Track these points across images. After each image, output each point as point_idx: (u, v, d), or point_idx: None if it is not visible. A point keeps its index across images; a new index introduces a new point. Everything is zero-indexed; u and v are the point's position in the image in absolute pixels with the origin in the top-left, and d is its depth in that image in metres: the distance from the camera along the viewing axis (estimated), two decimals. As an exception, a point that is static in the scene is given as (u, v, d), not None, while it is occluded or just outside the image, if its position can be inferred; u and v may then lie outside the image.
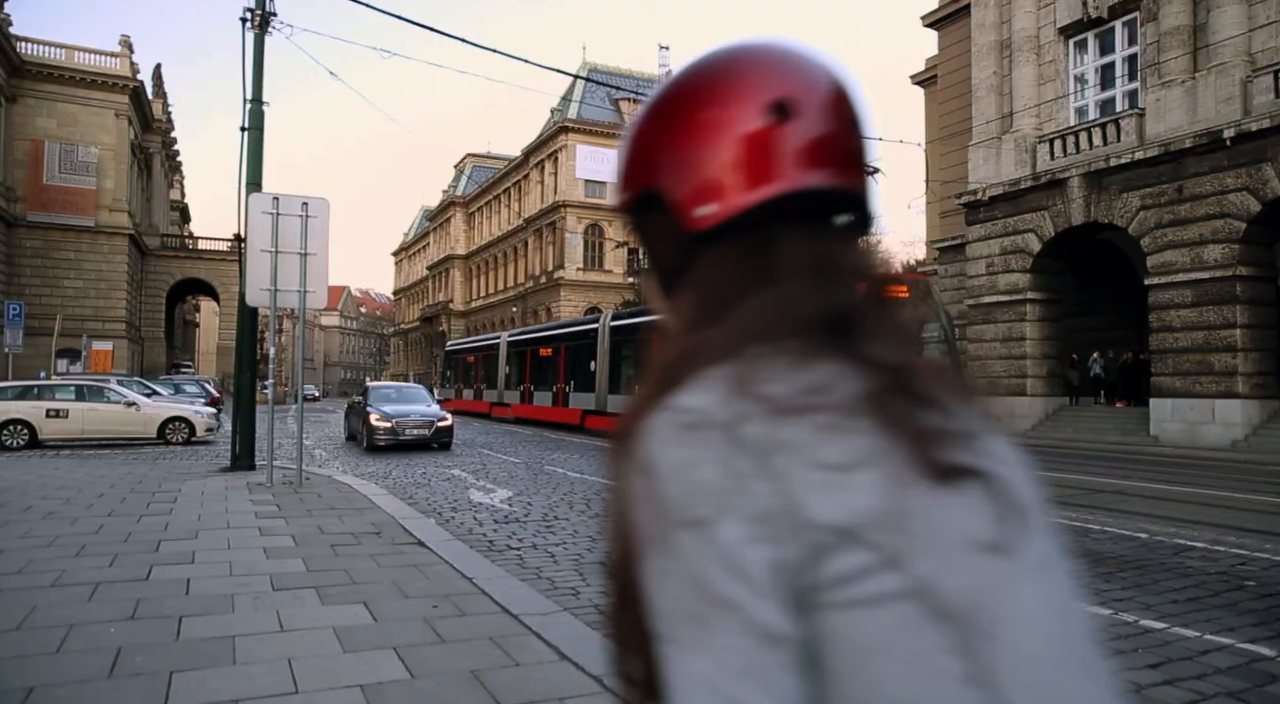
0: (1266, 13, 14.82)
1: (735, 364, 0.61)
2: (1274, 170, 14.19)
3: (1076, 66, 18.64)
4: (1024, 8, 19.11)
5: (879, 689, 0.54)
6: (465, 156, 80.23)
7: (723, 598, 0.54)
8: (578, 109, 54.74)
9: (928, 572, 0.54)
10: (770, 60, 0.72)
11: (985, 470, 0.59)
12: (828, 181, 0.69)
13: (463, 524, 8.51)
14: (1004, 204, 19.23)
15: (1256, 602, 5.67)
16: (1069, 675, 0.56)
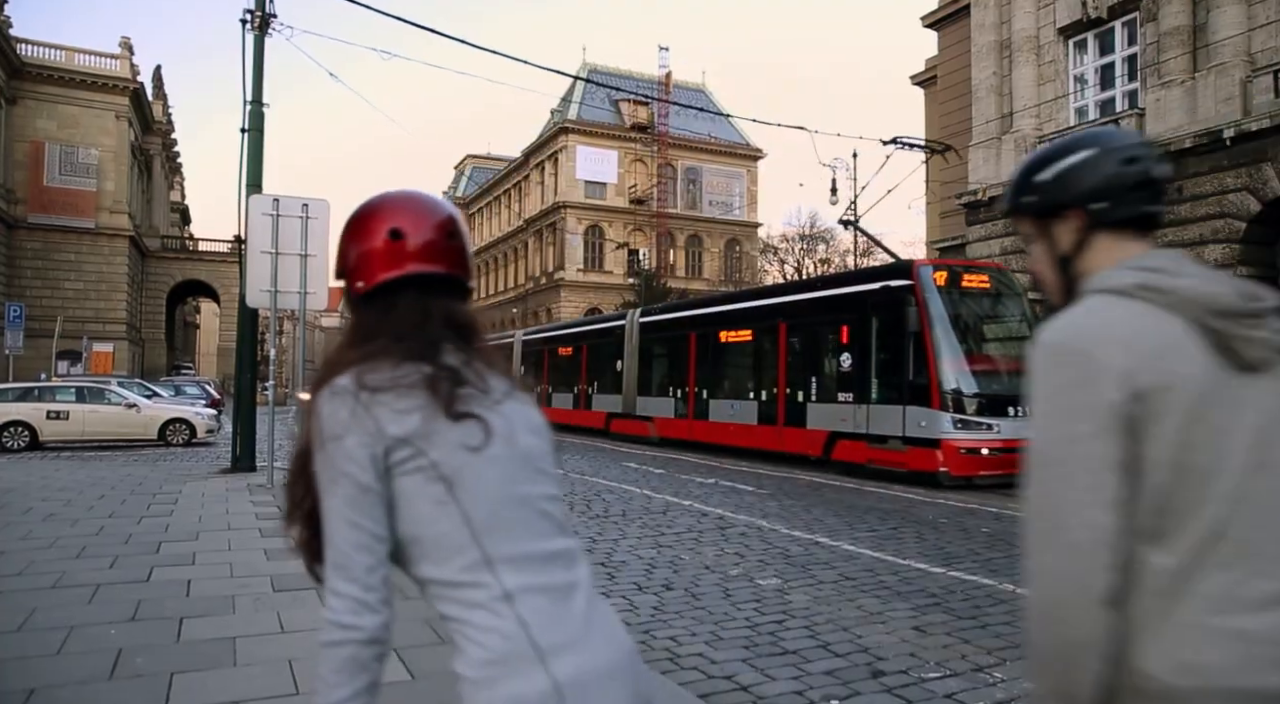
0: (1266, 12, 14.82)
1: (361, 365, 1.22)
2: (1274, 170, 14.18)
3: (1076, 67, 18.64)
4: (1024, 8, 19.11)
5: (414, 509, 1.18)
6: (465, 157, 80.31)
7: (344, 470, 1.17)
8: (578, 110, 54.76)
9: (436, 458, 1.17)
10: (396, 206, 1.34)
11: (480, 415, 1.21)
12: (428, 269, 1.31)
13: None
14: (1004, 204, 19.26)
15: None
16: (502, 504, 1.20)
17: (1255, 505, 1.12)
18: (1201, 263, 1.74)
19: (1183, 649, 1.09)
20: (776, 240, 52.75)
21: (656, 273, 47.63)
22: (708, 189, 57.82)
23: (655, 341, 20.74)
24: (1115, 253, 1.26)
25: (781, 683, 4.09)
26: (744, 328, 17.23)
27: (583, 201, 54.77)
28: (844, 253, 46.65)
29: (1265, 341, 1.14)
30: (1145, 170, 1.26)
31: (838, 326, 14.09)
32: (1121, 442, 1.10)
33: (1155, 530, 1.12)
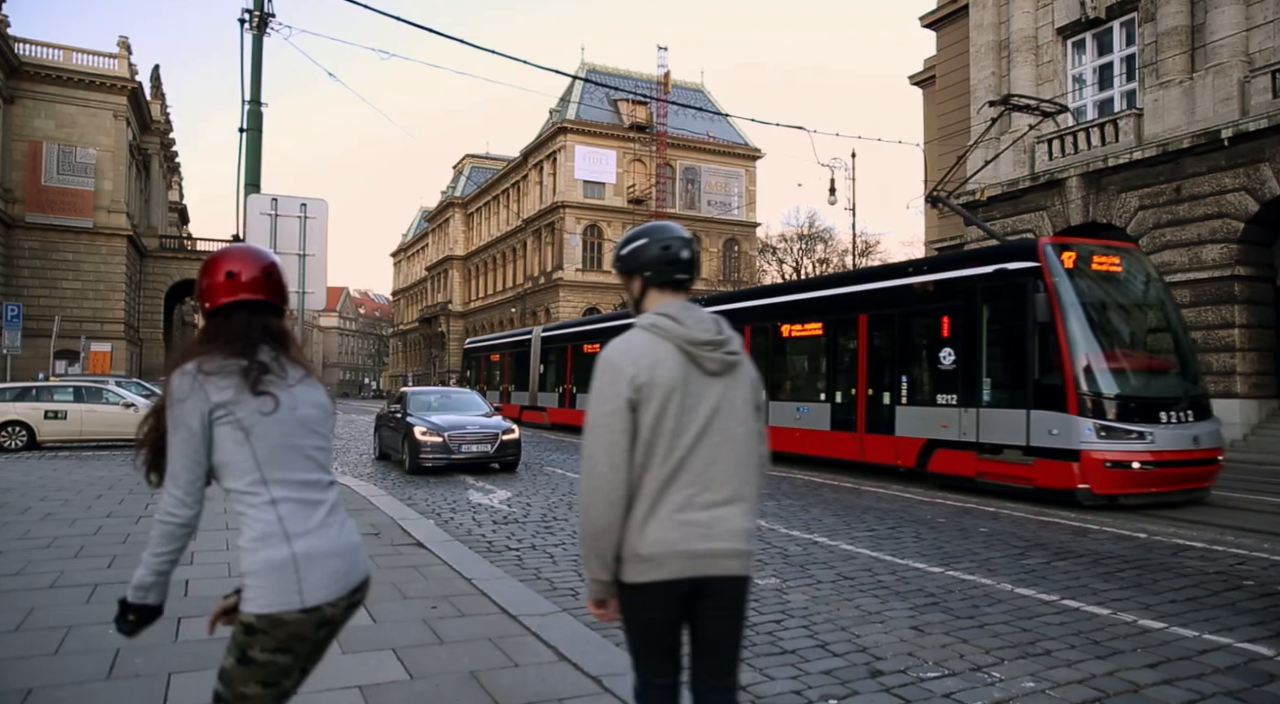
0: (1264, 13, 14.84)
1: (201, 356, 1.91)
2: (1271, 170, 14.21)
3: (1075, 67, 18.66)
4: (1022, 8, 19.13)
5: (223, 446, 1.88)
6: (464, 157, 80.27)
7: (183, 421, 1.86)
8: (576, 110, 54.75)
9: (240, 416, 1.87)
10: (234, 255, 2.05)
11: (274, 393, 1.91)
12: (252, 297, 2.01)
13: (461, 525, 8.51)
14: (1003, 204, 19.25)
15: (1255, 601, 5.67)
16: (279, 448, 1.91)
17: (704, 452, 2.06)
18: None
19: (659, 531, 2.03)
20: (775, 240, 52.76)
21: (655, 273, 47.58)
22: (706, 189, 57.82)
23: None
24: (656, 302, 2.20)
25: (780, 683, 4.09)
26: (814, 320, 15.00)
27: (581, 201, 54.75)
28: (842, 253, 46.66)
29: (718, 360, 2.11)
30: (675, 254, 2.19)
31: (936, 317, 12.11)
32: (628, 415, 2.02)
33: (646, 465, 2.04)
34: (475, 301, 71.77)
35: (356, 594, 2.04)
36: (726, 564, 2.08)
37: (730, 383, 2.13)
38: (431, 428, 13.02)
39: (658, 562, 2.02)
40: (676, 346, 2.07)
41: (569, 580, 6.21)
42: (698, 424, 2.05)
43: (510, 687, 3.74)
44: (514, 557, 7.03)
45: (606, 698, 3.63)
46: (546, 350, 26.79)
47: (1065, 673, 4.19)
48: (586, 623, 4.89)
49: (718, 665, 2.18)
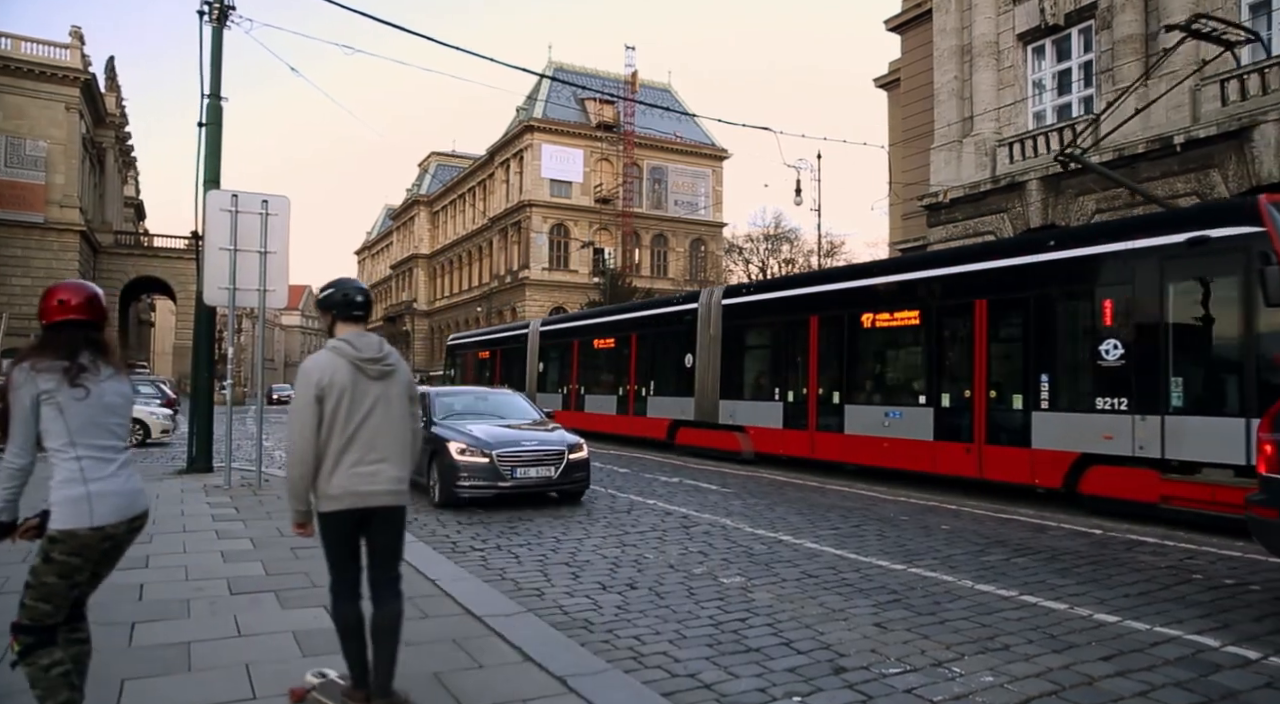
0: (1214, 24, 15.23)
1: (36, 357, 2.85)
2: (1220, 176, 14.60)
3: (1035, 72, 19.00)
4: (984, 14, 19.44)
5: (46, 420, 2.82)
6: (430, 155, 79.52)
7: (20, 401, 2.79)
8: (543, 108, 54.52)
9: (60, 400, 2.82)
10: (65, 288, 3.04)
11: (86, 385, 2.87)
12: (76, 317, 2.97)
13: (426, 526, 8.43)
14: (965, 206, 19.54)
15: (1203, 594, 5.83)
16: (86, 423, 2.88)
17: (369, 428, 3.30)
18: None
19: (339, 479, 3.25)
20: (741, 240, 53.04)
21: (622, 272, 47.60)
22: (673, 188, 57.94)
23: (743, 328, 15.96)
24: (342, 331, 3.41)
25: (745, 680, 4.11)
26: (907, 307, 12.33)
27: (548, 200, 54.54)
28: (808, 253, 47.06)
29: (377, 370, 3.36)
30: (353, 298, 3.45)
31: (1093, 301, 9.85)
32: (316, 406, 3.24)
33: (329, 438, 3.25)
34: (441, 300, 71.17)
35: (136, 522, 3.02)
36: (384, 499, 3.34)
37: (388, 384, 3.40)
38: (473, 444, 9.48)
39: (339, 498, 3.26)
40: (349, 361, 3.32)
41: (534, 581, 6.18)
42: (363, 411, 3.31)
43: (474, 688, 3.72)
44: (479, 557, 6.99)
45: (571, 698, 3.62)
46: (546, 346, 24.02)
47: (1023, 667, 4.26)
48: (552, 623, 4.88)
49: (384, 563, 3.43)
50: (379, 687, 3.35)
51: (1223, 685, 4.05)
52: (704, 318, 16.74)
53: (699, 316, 16.91)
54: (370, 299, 3.54)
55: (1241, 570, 6.56)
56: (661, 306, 19.69)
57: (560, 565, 6.67)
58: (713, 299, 16.77)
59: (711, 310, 16.51)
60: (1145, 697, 3.91)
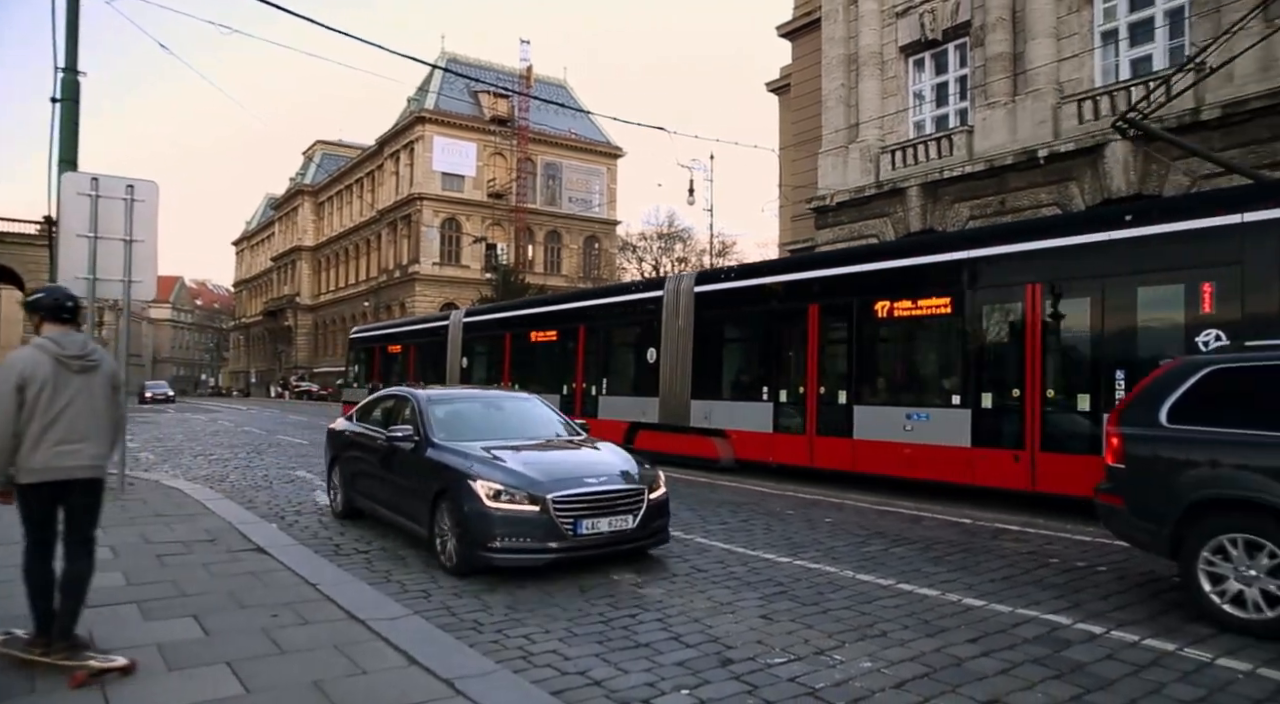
0: (1071, 47, 16.41)
1: None
2: (1078, 188, 15.72)
3: (916, 83, 19.94)
4: (870, 25, 20.24)
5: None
6: (315, 143, 76.34)
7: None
8: (435, 100, 53.29)
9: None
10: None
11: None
12: None
13: (308, 528, 8.10)
14: (850, 210, 20.31)
15: (1059, 577, 6.26)
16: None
17: (69, 413, 3.86)
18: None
19: (41, 455, 3.79)
20: (635, 239, 53.39)
21: (515, 268, 47.10)
22: (568, 185, 57.76)
23: (719, 320, 14.06)
24: (47, 331, 3.95)
25: (634, 675, 4.14)
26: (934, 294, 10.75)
27: (439, 194, 53.36)
28: (700, 252, 47.83)
29: (79, 365, 3.93)
30: (61, 303, 4.04)
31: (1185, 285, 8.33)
32: (16, 395, 3.75)
33: (29, 421, 3.78)
34: (326, 294, 68.52)
35: None
36: (84, 472, 3.90)
37: (90, 377, 3.97)
38: (513, 483, 6.17)
39: (41, 472, 3.78)
40: (51, 357, 3.85)
41: (421, 582, 6.03)
42: (65, 399, 3.85)
43: (357, 695, 3.60)
44: (363, 559, 6.76)
45: (459, 700, 3.55)
46: (472, 340, 21.69)
47: (898, 652, 4.47)
48: (440, 625, 4.78)
49: (79, 527, 3.99)
50: (60, 631, 3.83)
51: (1073, 660, 4.37)
52: (670, 307, 14.76)
53: (664, 305, 14.88)
54: (79, 305, 4.17)
55: (1091, 554, 7.09)
56: (616, 294, 17.65)
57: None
58: (681, 286, 14.78)
59: (680, 298, 14.57)
60: (1007, 674, 4.17)
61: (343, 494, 8.55)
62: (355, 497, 8.28)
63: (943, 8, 18.63)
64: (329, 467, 9.07)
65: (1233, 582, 4.94)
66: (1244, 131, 13.12)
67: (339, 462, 8.73)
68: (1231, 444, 5.08)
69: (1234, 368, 5.42)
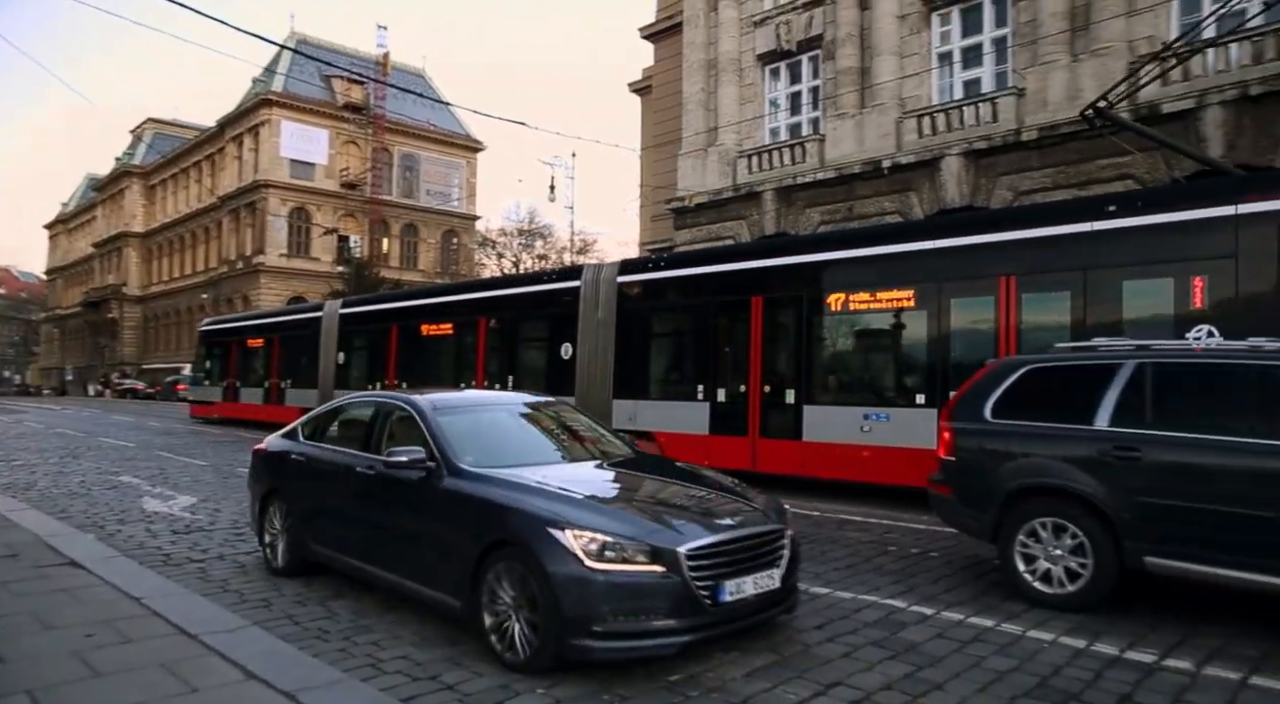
0: (912, 66, 17.54)
1: None
2: (917, 198, 16.83)
3: (772, 91, 20.70)
4: (729, 32, 20.83)
5: None
6: (145, 121, 70.38)
7: None
8: (284, 82, 50.42)
9: None
10: None
11: None
12: None
13: (132, 538, 7.46)
14: (709, 211, 20.84)
15: (896, 563, 6.68)
16: None
17: None
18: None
19: None
20: (495, 234, 52.62)
21: (369, 262, 45.34)
22: (425, 178, 56.20)
23: (646, 312, 13.11)
24: None
25: (487, 679, 4.07)
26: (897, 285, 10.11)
27: (288, 181, 50.57)
28: (560, 250, 47.73)
29: None
30: None
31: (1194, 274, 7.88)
32: None
33: None
34: (157, 285, 63.44)
35: None
36: None
37: None
38: (624, 530, 4.24)
39: None
40: None
41: (261, 590, 5.69)
42: None
43: (184, 716, 3.34)
44: (196, 569, 6.30)
45: (300, 715, 3.37)
46: (351, 333, 19.81)
47: (750, 642, 4.61)
48: (282, 635, 4.52)
49: None
50: None
51: (907, 640, 4.67)
52: (588, 298, 13.66)
53: (581, 296, 13.75)
54: None
55: (925, 540, 7.59)
56: (525, 284, 16.15)
57: (295, 573, 6.19)
58: (601, 276, 13.72)
59: (600, 289, 13.53)
60: (848, 657, 4.40)
61: (288, 542, 6.10)
62: (313, 546, 5.88)
63: (797, 20, 19.43)
64: (259, 504, 6.55)
65: (1042, 561, 5.44)
66: (1056, 153, 14.45)
67: (279, 497, 6.32)
68: (1043, 437, 5.58)
69: (1046, 367, 5.96)
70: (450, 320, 17.11)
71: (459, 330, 16.87)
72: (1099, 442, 5.24)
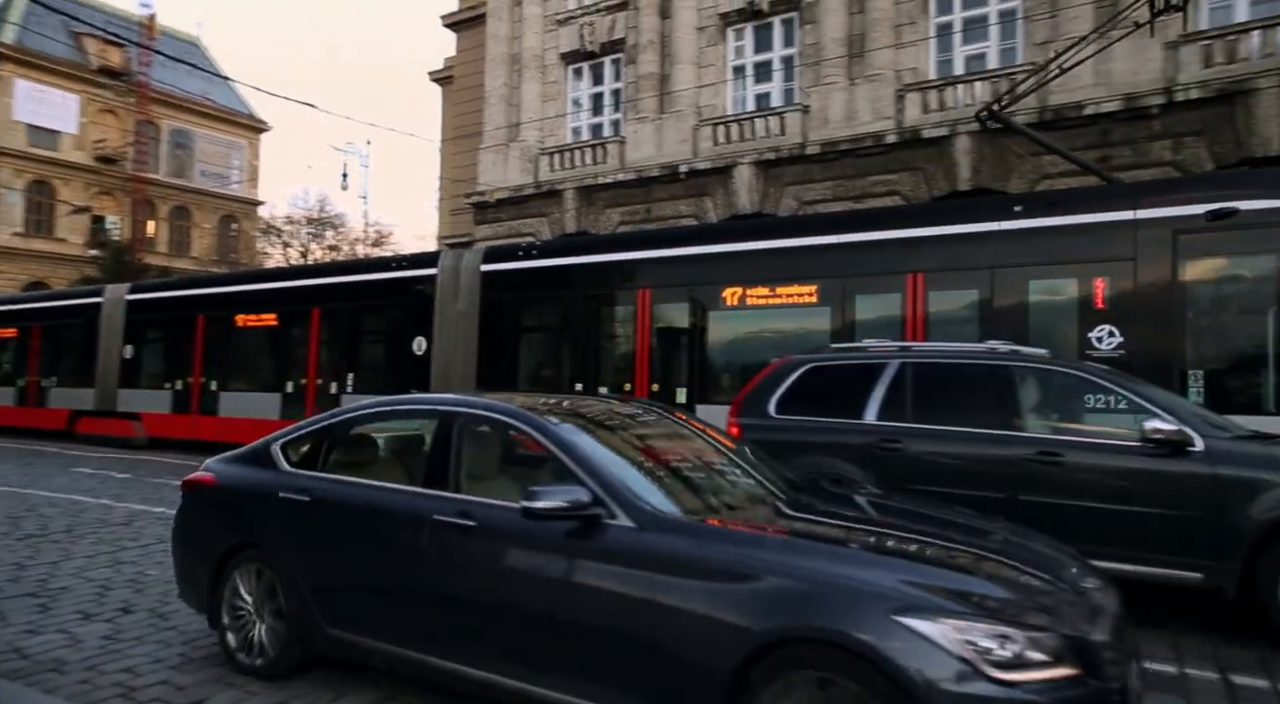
0: (710, 76, 18.32)
1: None
2: (712, 203, 17.59)
3: (574, 91, 20.79)
4: (532, 28, 20.68)
5: None
6: None
7: None
8: (17, 33, 44.00)
9: None
10: None
11: None
12: None
13: None
14: (509, 207, 20.58)
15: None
16: None
17: None
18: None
19: None
20: (281, 222, 49.04)
21: (130, 246, 40.70)
22: (200, 157, 51.28)
23: (529, 305, 12.51)
24: None
25: (260, 698, 3.75)
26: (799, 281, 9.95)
27: (24, 150, 44.16)
28: (354, 241, 45.45)
29: None
30: None
31: None
32: None
33: None
34: None
35: None
36: None
37: None
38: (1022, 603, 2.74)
39: None
40: None
41: (-17, 621, 4.88)
42: None
43: None
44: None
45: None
46: (142, 323, 17.31)
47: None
48: (6, 671, 3.91)
49: None
50: None
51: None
52: (447, 287, 12.85)
53: (439, 285, 12.91)
54: None
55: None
56: (369, 271, 14.70)
57: (25, 596, 5.39)
58: (463, 263, 12.84)
59: (461, 278, 12.71)
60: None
61: (282, 627, 4.07)
62: (332, 632, 3.94)
63: (601, 23, 19.69)
64: (212, 567, 4.39)
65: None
66: (836, 168, 15.65)
67: (259, 558, 4.27)
68: (820, 431, 5.99)
69: (823, 366, 6.40)
70: (274, 310, 15.26)
71: (285, 322, 15.09)
72: (868, 434, 5.70)
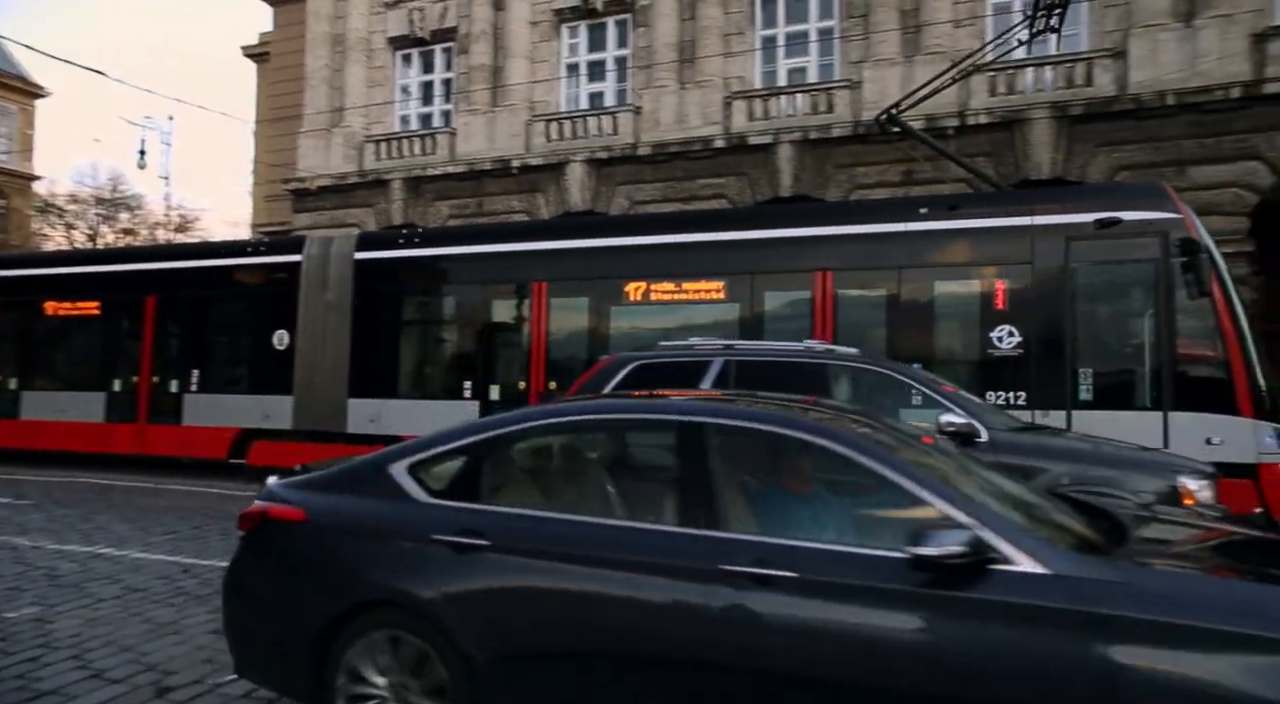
0: (543, 71, 18.21)
1: None
2: (544, 200, 17.50)
3: (403, 78, 20.00)
4: (358, 9, 19.69)
5: None
6: None
7: None
8: None
9: None
10: None
11: None
12: None
13: None
14: (332, 195, 19.51)
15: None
16: None
17: None
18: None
19: None
20: (64, 200, 43.99)
21: None
22: (-37, 121, 45.04)
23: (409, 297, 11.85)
24: None
25: (31, 734, 3.31)
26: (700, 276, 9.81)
27: None
28: (153, 225, 41.57)
29: None
30: None
31: None
32: None
33: None
34: None
35: None
36: None
37: None
38: None
39: None
40: None
41: None
42: None
43: None
44: None
45: None
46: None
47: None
48: None
49: None
50: None
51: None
52: (313, 276, 11.83)
53: (303, 273, 11.89)
54: None
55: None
56: (219, 256, 13.11)
57: None
58: (332, 251, 11.94)
59: (331, 266, 11.77)
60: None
61: None
62: None
63: (431, 9, 19.08)
64: (313, 635, 3.14)
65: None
66: (666, 169, 16.02)
67: (398, 623, 3.07)
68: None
69: (652, 363, 6.54)
70: (97, 298, 13.41)
71: (111, 312, 13.34)
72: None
